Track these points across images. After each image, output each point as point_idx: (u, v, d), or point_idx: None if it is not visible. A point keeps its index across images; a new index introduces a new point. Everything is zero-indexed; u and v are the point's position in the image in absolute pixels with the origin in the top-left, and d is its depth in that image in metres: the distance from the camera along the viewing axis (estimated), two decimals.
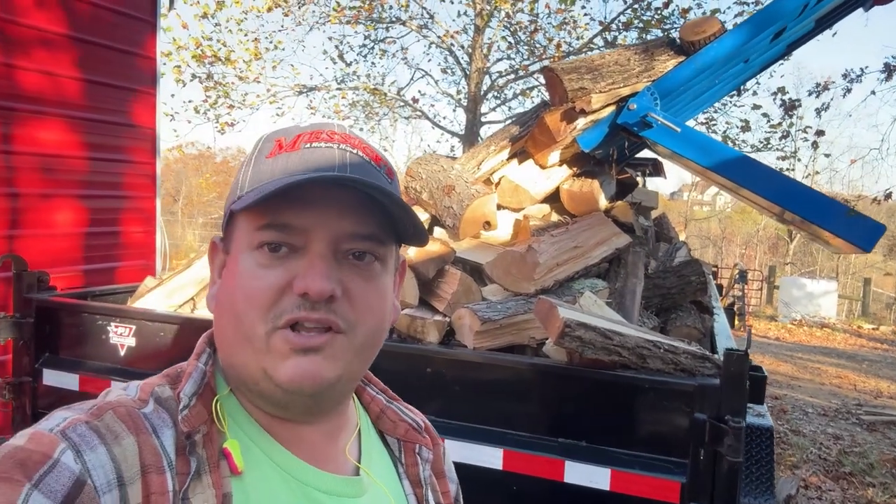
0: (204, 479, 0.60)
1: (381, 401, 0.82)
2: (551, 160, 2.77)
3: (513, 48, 12.53)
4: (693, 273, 2.78)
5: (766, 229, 33.02)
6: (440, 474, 0.84)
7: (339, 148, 0.66)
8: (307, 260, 0.63)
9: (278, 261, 0.63)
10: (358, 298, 0.65)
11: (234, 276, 0.66)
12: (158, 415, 0.63)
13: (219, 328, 0.69)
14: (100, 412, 0.60)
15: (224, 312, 0.67)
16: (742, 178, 2.50)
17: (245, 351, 0.64)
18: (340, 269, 0.64)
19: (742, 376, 1.70)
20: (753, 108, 10.90)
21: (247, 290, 0.64)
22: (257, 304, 0.63)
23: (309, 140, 0.66)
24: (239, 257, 0.66)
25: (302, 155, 0.65)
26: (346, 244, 0.65)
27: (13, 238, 3.48)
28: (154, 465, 0.59)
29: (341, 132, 0.68)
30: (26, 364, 2.47)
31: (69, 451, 0.55)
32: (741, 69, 2.72)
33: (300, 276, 0.62)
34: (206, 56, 11.77)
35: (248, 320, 0.63)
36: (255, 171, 0.67)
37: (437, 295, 2.33)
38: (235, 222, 0.68)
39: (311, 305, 0.62)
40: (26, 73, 3.57)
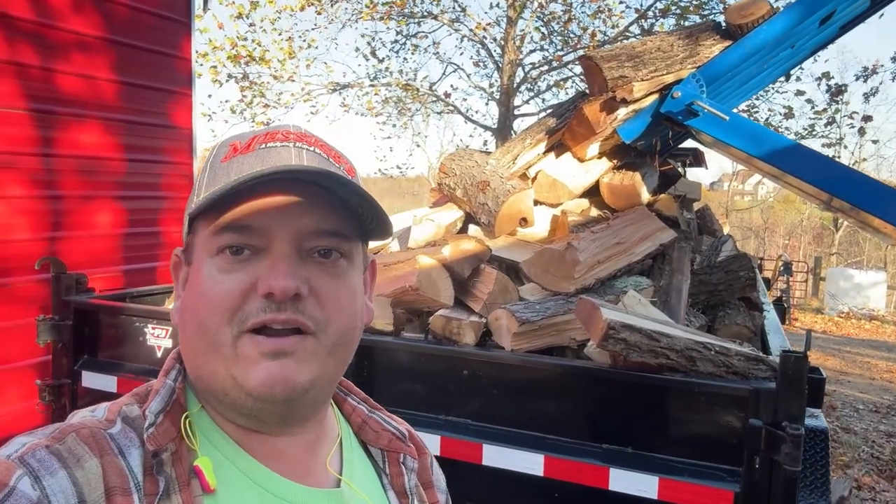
0: (173, 499, 0.59)
1: (362, 411, 0.80)
2: (590, 153, 2.67)
3: (546, 39, 12.36)
4: (742, 268, 2.66)
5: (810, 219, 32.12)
6: (428, 484, 0.82)
7: (294, 146, 0.65)
8: (269, 260, 0.62)
9: (240, 264, 0.62)
10: (326, 296, 0.63)
11: (196, 284, 0.64)
12: (126, 434, 0.61)
13: (185, 340, 0.66)
14: (62, 435, 0.59)
15: (188, 322, 0.65)
16: (792, 165, 2.37)
17: (213, 360, 0.63)
18: (306, 267, 0.63)
19: (801, 380, 1.60)
20: (797, 95, 10.56)
21: (210, 295, 0.62)
22: (221, 309, 0.61)
23: (264, 140, 0.65)
24: (201, 266, 0.64)
25: (257, 155, 0.64)
26: (309, 242, 0.63)
27: (53, 240, 3.52)
28: (119, 486, 0.57)
29: (297, 131, 0.67)
30: (65, 366, 2.49)
31: (26, 477, 0.53)
32: (789, 54, 2.58)
33: (263, 277, 0.61)
34: (241, 56, 11.91)
35: (212, 326, 0.62)
36: (210, 177, 0.65)
37: (473, 295, 2.27)
38: (195, 231, 0.66)
39: (277, 307, 0.61)
40: (65, 77, 3.61)
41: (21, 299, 3.30)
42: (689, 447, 1.73)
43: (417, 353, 2.04)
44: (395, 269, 2.29)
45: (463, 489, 2.02)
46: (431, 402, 1.97)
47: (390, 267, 2.32)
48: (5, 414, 3.20)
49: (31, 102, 3.40)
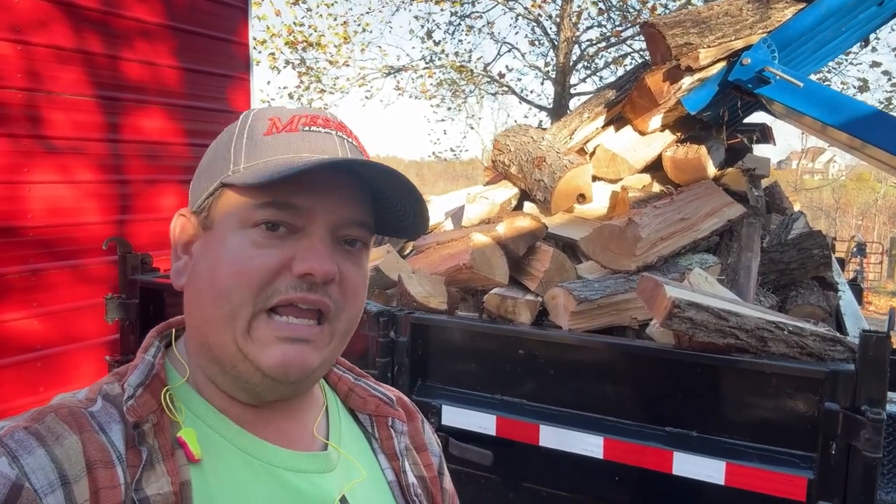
0: (157, 468, 0.59)
1: (348, 379, 0.81)
2: (652, 125, 2.56)
3: (604, 14, 12.03)
4: (815, 246, 2.51)
5: (885, 198, 30.49)
6: (421, 447, 0.83)
7: (336, 135, 0.67)
8: (308, 241, 0.63)
9: (276, 240, 0.63)
10: (348, 283, 0.66)
11: (220, 253, 0.64)
12: (106, 411, 0.62)
13: (195, 307, 0.66)
14: (40, 416, 0.59)
15: (203, 290, 0.64)
16: (874, 134, 2.21)
17: (225, 331, 0.63)
18: (337, 253, 0.65)
19: (883, 361, 1.51)
20: (872, 66, 9.96)
21: (239, 267, 0.62)
22: (250, 284, 0.61)
23: (306, 123, 0.66)
24: (227, 234, 0.64)
25: (302, 136, 0.65)
26: (343, 230, 0.65)
27: (120, 223, 3.65)
28: (101, 460, 0.58)
29: (335, 120, 0.69)
30: (133, 343, 2.58)
31: (4, 457, 0.54)
32: (874, 13, 2.40)
33: (301, 258, 0.62)
34: (298, 42, 12.06)
35: (236, 298, 0.62)
36: (251, 147, 0.65)
37: (529, 273, 2.21)
38: (222, 197, 0.65)
39: (308, 287, 0.62)
40: (129, 64, 3.71)
41: (92, 280, 3.44)
42: (759, 431, 1.66)
43: (472, 332, 2.01)
44: (449, 248, 2.26)
45: (519, 470, 2.00)
46: (486, 381, 1.95)
47: (444, 245, 2.30)
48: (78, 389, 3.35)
49: (97, 89, 3.51)
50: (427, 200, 3.01)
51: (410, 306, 2.07)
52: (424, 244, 2.44)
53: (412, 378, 1.99)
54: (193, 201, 0.69)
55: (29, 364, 3.14)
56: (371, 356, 1.99)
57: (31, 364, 3.15)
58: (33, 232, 3.15)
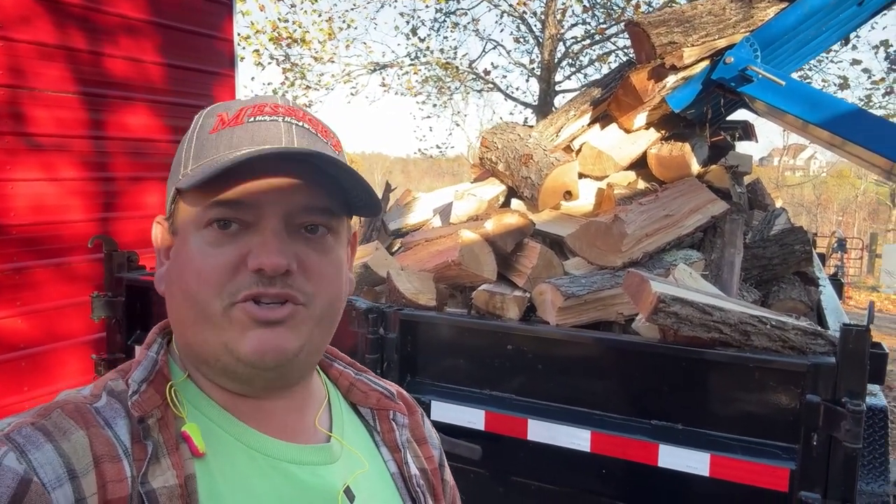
0: (163, 462, 0.60)
1: (349, 374, 0.82)
2: (637, 123, 2.59)
3: (588, 11, 12.07)
4: (797, 241, 2.56)
5: (865, 194, 30.92)
6: (422, 440, 0.84)
7: (284, 121, 0.66)
8: (260, 236, 0.63)
9: (229, 237, 0.63)
10: (313, 271, 0.65)
11: (183, 256, 0.65)
12: (111, 406, 0.63)
13: (173, 310, 0.67)
14: (46, 412, 0.60)
15: (176, 293, 0.66)
16: (854, 132, 2.25)
17: (203, 329, 0.64)
18: (294, 243, 0.64)
19: (862, 354, 1.54)
20: (853, 64, 10.08)
21: (199, 268, 0.63)
22: (211, 283, 0.62)
23: (252, 114, 0.65)
24: (188, 238, 0.65)
25: (246, 128, 0.64)
26: (298, 218, 0.64)
27: (104, 220, 3.62)
28: (108, 454, 0.58)
29: (285, 105, 0.68)
30: (119, 341, 2.56)
31: (12, 452, 0.55)
32: (854, 13, 2.44)
33: (254, 253, 0.62)
34: (282, 38, 11.98)
35: (202, 299, 0.63)
36: (197, 148, 0.66)
37: (516, 269, 2.23)
38: (181, 201, 0.66)
39: (267, 281, 0.62)
40: (113, 61, 3.67)
41: (76, 278, 3.41)
42: (742, 424, 1.69)
43: (461, 328, 2.03)
44: (437, 244, 2.27)
45: (508, 464, 2.02)
46: (475, 377, 1.96)
47: (432, 242, 2.31)
48: (65, 387, 3.33)
49: (81, 86, 3.47)
50: (415, 198, 3.02)
51: (399, 303, 2.09)
52: (413, 241, 2.45)
53: (401, 374, 2.00)
54: (166, 207, 0.70)
55: (13, 363, 3.11)
56: (360, 353, 1.99)
57: (16, 363, 3.13)
58: (17, 230, 3.12)
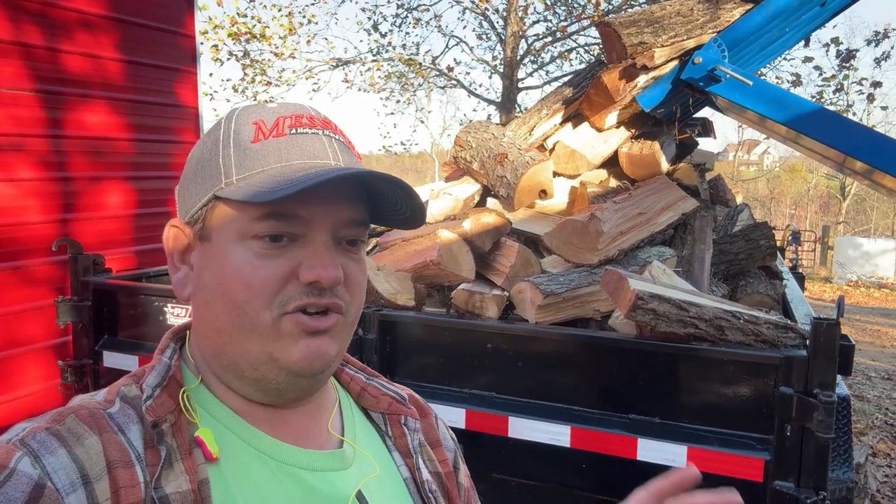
0: (176, 467, 0.60)
1: (360, 379, 0.82)
2: (608, 122, 2.63)
3: (549, 9, 12.15)
4: (762, 237, 2.64)
5: (816, 188, 31.92)
6: (436, 443, 0.84)
7: (324, 134, 0.67)
8: (312, 249, 0.64)
9: (279, 250, 0.63)
10: (353, 282, 0.67)
11: (225, 265, 0.64)
12: (124, 412, 0.63)
13: (208, 318, 0.67)
14: (61, 417, 0.60)
15: (215, 302, 0.65)
16: (814, 128, 2.32)
17: (247, 339, 0.64)
18: (339, 256, 0.66)
19: (832, 347, 1.59)
20: (805, 62, 10.37)
21: (248, 280, 0.63)
22: (262, 293, 0.63)
23: (292, 125, 0.66)
24: (227, 246, 0.64)
25: (291, 141, 0.65)
26: (343, 231, 0.66)
27: (64, 222, 3.51)
28: (121, 459, 0.58)
29: (319, 116, 0.69)
30: (86, 346, 2.49)
31: (26, 457, 0.55)
32: (816, 13, 2.52)
33: (308, 266, 0.63)
34: (241, 33, 11.77)
35: (251, 309, 0.63)
36: (240, 157, 0.65)
37: (495, 268, 2.25)
38: (217, 209, 0.66)
39: (318, 292, 0.64)
40: (70, 57, 3.56)
41: (35, 282, 3.30)
42: (718, 416, 1.73)
43: (440, 328, 2.03)
44: (415, 244, 2.27)
45: (489, 461, 2.03)
46: (455, 375, 1.97)
47: (410, 242, 2.30)
48: (27, 395, 3.22)
49: (37, 83, 3.36)
50: None
51: (378, 303, 2.08)
52: (389, 240, 2.44)
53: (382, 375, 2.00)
54: (184, 211, 0.69)
55: None
56: None
57: None
58: None
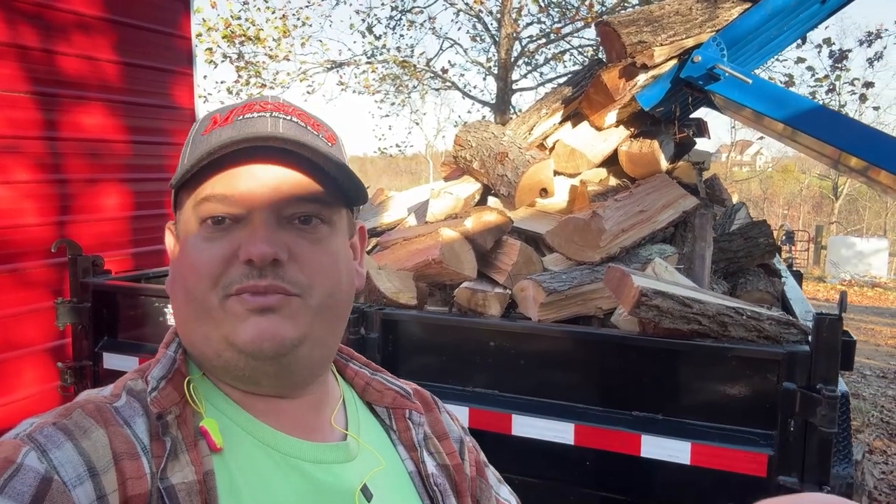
0: (181, 458, 0.61)
1: (365, 374, 0.82)
2: (608, 121, 2.64)
3: (543, 11, 12.18)
4: (761, 234, 2.65)
5: (809, 188, 32.09)
6: (442, 436, 0.84)
7: (271, 116, 0.67)
8: (250, 228, 0.64)
9: (222, 232, 0.64)
10: (306, 261, 0.65)
11: (183, 255, 0.67)
12: (130, 405, 0.64)
13: (176, 310, 0.69)
14: (67, 412, 0.61)
15: (177, 291, 0.67)
16: (813, 126, 2.33)
17: (203, 324, 0.65)
18: (286, 233, 0.64)
19: (835, 343, 1.60)
20: (797, 62, 10.41)
21: (195, 264, 0.64)
22: (205, 276, 0.64)
23: (242, 112, 0.67)
24: (187, 238, 0.66)
25: (234, 126, 0.65)
26: (288, 209, 0.65)
27: (61, 224, 3.49)
28: (127, 451, 0.59)
29: (275, 102, 0.69)
30: (86, 348, 2.48)
31: (33, 452, 0.56)
32: (815, 11, 2.54)
33: (244, 244, 0.63)
34: (235, 36, 11.76)
35: (199, 293, 0.64)
36: (191, 150, 0.68)
37: (496, 267, 2.25)
38: (180, 204, 0.68)
39: (258, 273, 0.63)
40: (67, 59, 3.55)
41: (33, 284, 3.28)
42: (721, 412, 1.73)
43: (443, 326, 2.03)
44: (416, 243, 2.27)
45: (492, 460, 2.03)
46: (458, 374, 1.97)
47: (411, 241, 2.30)
48: (27, 397, 3.20)
49: (34, 85, 3.35)
50: (388, 197, 3.00)
51: (380, 302, 2.08)
52: (390, 240, 2.44)
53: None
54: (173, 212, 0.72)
55: None
56: None
57: None
58: None
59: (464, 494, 0.80)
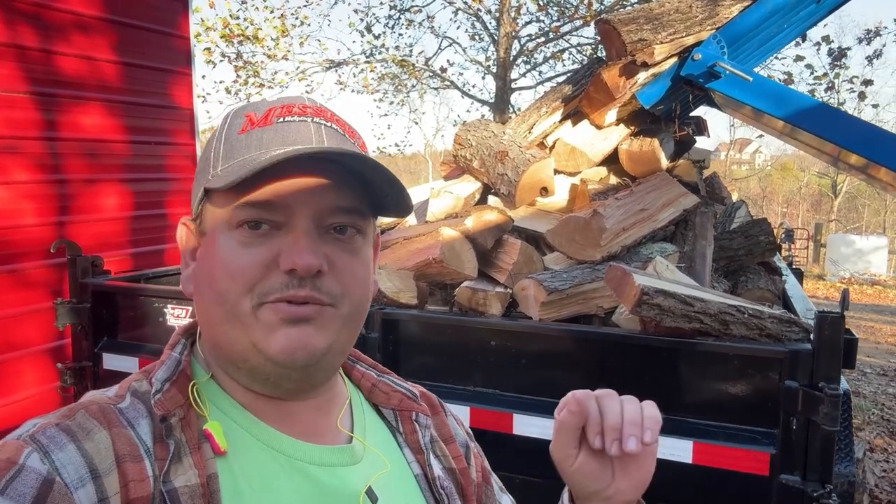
0: (185, 461, 0.60)
1: (371, 375, 0.82)
2: (608, 119, 2.63)
3: (542, 10, 12.18)
4: (762, 233, 2.65)
5: (808, 186, 32.11)
6: (448, 439, 0.83)
7: (313, 121, 0.66)
8: (292, 236, 0.63)
9: (260, 238, 0.63)
10: (343, 272, 0.65)
11: (213, 256, 0.65)
12: (134, 407, 0.63)
13: (201, 310, 0.67)
14: (71, 413, 0.61)
15: (205, 293, 0.66)
16: (814, 123, 2.33)
17: (232, 328, 0.64)
18: (324, 243, 0.64)
19: (837, 341, 1.60)
20: (796, 60, 10.42)
21: (230, 268, 0.63)
22: (241, 282, 0.62)
23: (281, 114, 0.66)
24: (217, 238, 0.65)
25: (276, 129, 0.64)
26: (328, 219, 0.64)
27: (60, 224, 3.48)
28: (130, 454, 0.59)
29: (313, 105, 0.68)
30: (86, 349, 2.47)
31: (35, 453, 0.55)
32: (813, 10, 2.54)
33: (286, 252, 0.62)
34: (234, 35, 11.75)
35: (231, 297, 0.63)
36: (227, 148, 0.66)
37: (497, 266, 2.25)
38: (210, 202, 0.67)
39: (298, 283, 0.62)
40: (66, 59, 3.54)
41: (33, 284, 3.28)
42: (723, 411, 1.73)
43: (444, 326, 2.03)
44: (416, 242, 2.26)
45: (494, 459, 2.02)
46: (459, 373, 1.97)
47: (412, 240, 2.30)
48: (26, 398, 3.20)
49: (32, 85, 3.34)
50: None
51: (380, 302, 2.07)
52: (390, 239, 2.44)
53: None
54: (193, 208, 0.70)
55: None
56: None
57: None
58: None
59: (469, 498, 0.80)
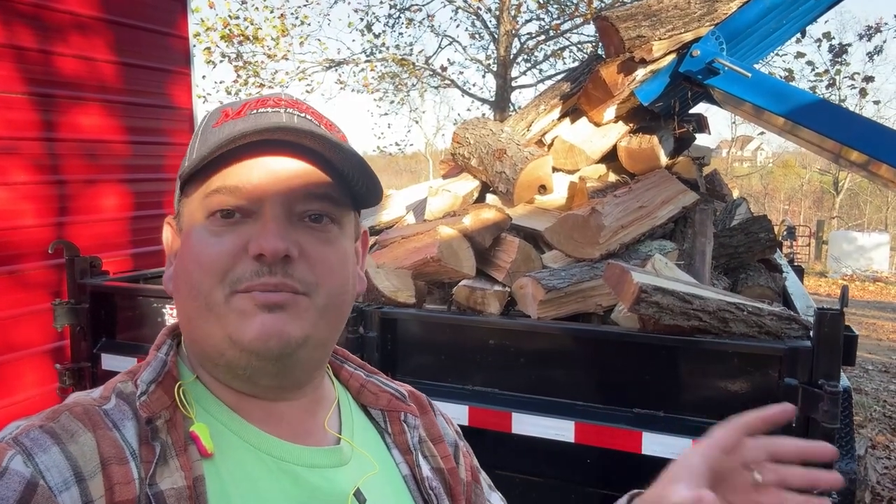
0: (171, 464, 0.59)
1: (360, 376, 0.81)
2: (607, 117, 2.62)
3: (542, 7, 12.17)
4: (762, 230, 2.64)
5: (810, 183, 32.07)
6: (437, 439, 0.83)
7: (286, 111, 0.65)
8: (261, 223, 0.62)
9: (231, 227, 0.63)
10: (316, 260, 0.64)
11: (187, 248, 0.65)
12: (119, 409, 0.62)
13: (179, 306, 0.67)
14: (55, 414, 0.60)
15: (182, 288, 0.65)
16: (814, 120, 2.32)
17: (207, 322, 0.63)
18: (296, 231, 0.63)
19: (837, 338, 1.59)
20: (797, 57, 10.40)
21: (201, 258, 0.63)
22: (212, 270, 0.62)
23: (255, 106, 0.66)
24: (192, 231, 0.64)
25: (247, 119, 0.64)
26: (300, 205, 0.63)
27: (59, 225, 3.48)
28: (115, 456, 0.58)
29: (288, 98, 0.68)
30: (84, 349, 2.47)
31: (19, 456, 0.55)
32: (812, 5, 2.53)
33: (254, 238, 0.61)
34: (234, 35, 11.75)
35: (204, 287, 0.62)
36: (201, 142, 0.66)
37: (495, 264, 2.24)
38: (185, 196, 0.66)
39: (268, 269, 0.61)
40: (64, 59, 3.54)
41: (31, 285, 3.27)
42: (722, 408, 1.71)
43: (442, 325, 2.03)
44: (414, 241, 2.25)
45: (492, 458, 2.02)
46: (457, 372, 1.96)
47: (409, 239, 2.29)
48: (25, 399, 3.20)
49: (31, 86, 3.33)
50: (387, 195, 2.99)
51: (378, 301, 2.07)
52: (389, 238, 2.43)
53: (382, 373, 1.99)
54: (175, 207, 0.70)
55: None
56: None
57: None
58: None
59: (458, 498, 0.79)
